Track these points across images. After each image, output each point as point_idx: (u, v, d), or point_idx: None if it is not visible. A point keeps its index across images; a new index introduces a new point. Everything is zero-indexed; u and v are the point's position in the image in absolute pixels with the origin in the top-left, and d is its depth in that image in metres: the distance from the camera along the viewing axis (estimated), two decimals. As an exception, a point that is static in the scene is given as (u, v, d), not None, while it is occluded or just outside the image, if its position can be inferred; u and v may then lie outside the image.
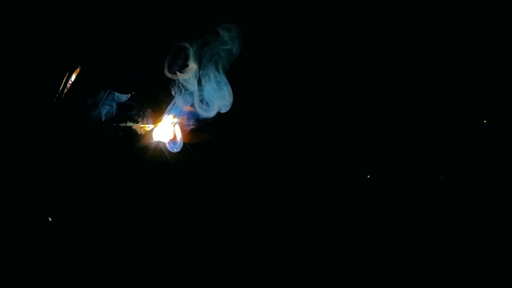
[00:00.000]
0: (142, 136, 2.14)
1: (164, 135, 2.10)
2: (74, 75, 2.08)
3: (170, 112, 2.08)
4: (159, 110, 2.12)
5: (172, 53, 1.99)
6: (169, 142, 2.10)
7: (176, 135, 2.08)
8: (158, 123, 2.10)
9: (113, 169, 2.12)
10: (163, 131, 2.10)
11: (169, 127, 2.09)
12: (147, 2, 2.07)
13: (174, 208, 2.23)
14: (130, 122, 2.14)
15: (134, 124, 2.15)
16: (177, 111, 2.08)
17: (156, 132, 2.10)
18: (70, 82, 2.08)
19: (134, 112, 2.15)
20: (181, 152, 2.09)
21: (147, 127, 2.14)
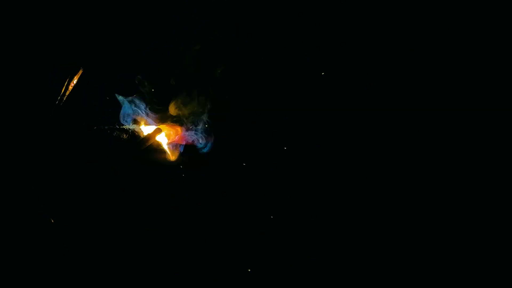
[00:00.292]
0: (144, 138, 2.16)
1: (166, 137, 2.12)
2: (77, 77, 2.11)
3: (172, 118, 2.11)
4: (162, 112, 2.14)
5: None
6: (170, 144, 2.11)
7: (178, 137, 2.10)
8: (161, 126, 2.12)
9: (114, 170, 2.13)
10: (165, 133, 2.12)
11: (171, 129, 2.10)
12: (147, 2, 2.11)
13: (174, 208, 2.24)
14: (133, 124, 2.17)
15: (137, 126, 2.17)
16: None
17: (158, 134, 2.12)
18: (72, 84, 2.11)
19: (137, 114, 2.17)
20: (181, 152, 2.10)
21: (150, 129, 2.16)
